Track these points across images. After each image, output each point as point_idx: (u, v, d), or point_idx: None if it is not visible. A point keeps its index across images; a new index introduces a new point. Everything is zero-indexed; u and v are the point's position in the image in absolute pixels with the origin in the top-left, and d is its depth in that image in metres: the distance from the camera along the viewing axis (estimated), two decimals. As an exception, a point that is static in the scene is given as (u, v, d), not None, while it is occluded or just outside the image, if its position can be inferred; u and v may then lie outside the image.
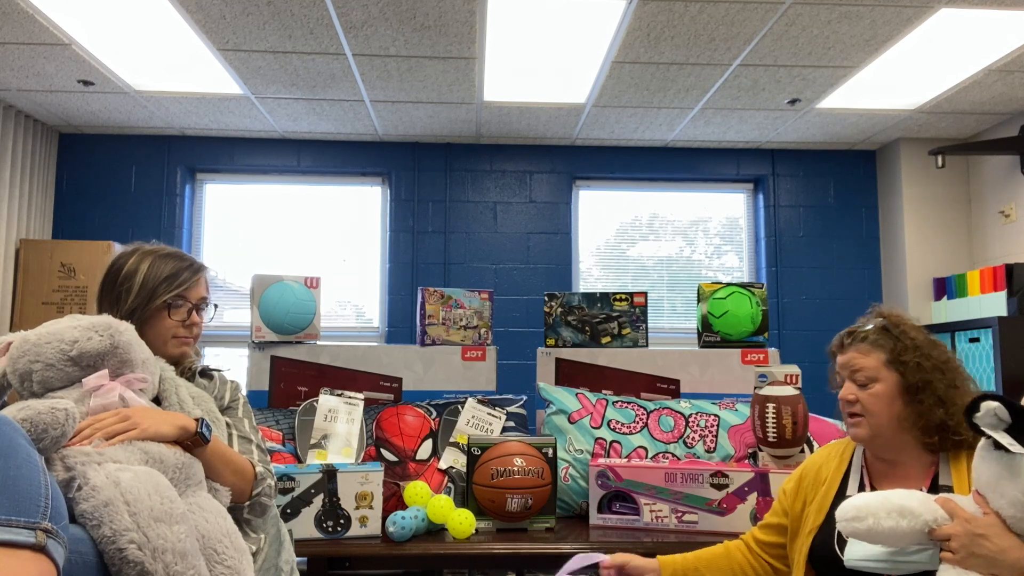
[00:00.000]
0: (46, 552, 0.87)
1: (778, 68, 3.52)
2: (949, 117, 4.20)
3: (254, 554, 1.45)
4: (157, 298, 1.53)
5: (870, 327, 1.48)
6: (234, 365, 3.93)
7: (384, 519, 2.23)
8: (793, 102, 3.96)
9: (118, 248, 4.03)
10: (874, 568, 1.26)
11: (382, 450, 2.52)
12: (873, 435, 1.42)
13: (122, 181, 4.49)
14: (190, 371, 1.58)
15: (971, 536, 1.17)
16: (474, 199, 4.69)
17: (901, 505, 1.21)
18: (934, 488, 1.36)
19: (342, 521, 2.18)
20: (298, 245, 4.70)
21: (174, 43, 3.24)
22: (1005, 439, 1.11)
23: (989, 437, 1.15)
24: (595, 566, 1.54)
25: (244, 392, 1.69)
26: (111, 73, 3.54)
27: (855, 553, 1.30)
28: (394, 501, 2.37)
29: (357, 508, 2.21)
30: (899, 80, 3.67)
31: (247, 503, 1.45)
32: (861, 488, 1.46)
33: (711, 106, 4.02)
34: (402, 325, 4.53)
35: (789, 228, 4.79)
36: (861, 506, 1.22)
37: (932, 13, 2.96)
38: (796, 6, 2.91)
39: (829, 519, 1.43)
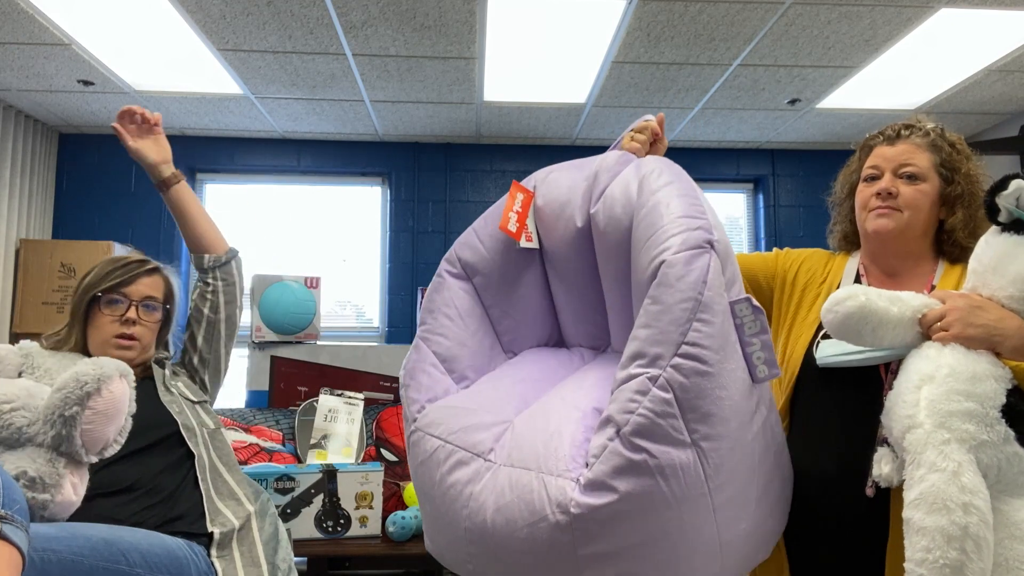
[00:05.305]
0: (4, 537, 0.91)
1: (778, 68, 3.51)
2: (949, 117, 4.19)
3: (240, 527, 1.46)
4: (90, 292, 1.56)
5: (931, 125, 1.41)
6: (234, 365, 3.90)
7: (384, 519, 2.23)
8: (793, 102, 3.96)
9: (118, 248, 4.03)
10: (846, 361, 1.25)
11: (382, 450, 2.52)
12: (901, 230, 1.36)
13: (122, 181, 4.49)
14: (143, 366, 1.63)
15: (970, 308, 1.15)
16: (474, 199, 4.68)
17: (892, 294, 1.18)
18: None
19: (342, 521, 2.18)
20: (298, 245, 4.70)
21: (174, 43, 3.24)
22: None
23: (1001, 221, 1.15)
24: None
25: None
26: (111, 73, 3.54)
27: (828, 351, 1.28)
28: (394, 501, 2.37)
29: (357, 508, 2.21)
30: (899, 80, 3.66)
31: (221, 262, 1.86)
32: None
33: (711, 106, 4.02)
34: (402, 325, 4.53)
35: (789, 228, 4.78)
36: (853, 287, 1.19)
37: (932, 13, 2.96)
38: (796, 6, 2.91)
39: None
